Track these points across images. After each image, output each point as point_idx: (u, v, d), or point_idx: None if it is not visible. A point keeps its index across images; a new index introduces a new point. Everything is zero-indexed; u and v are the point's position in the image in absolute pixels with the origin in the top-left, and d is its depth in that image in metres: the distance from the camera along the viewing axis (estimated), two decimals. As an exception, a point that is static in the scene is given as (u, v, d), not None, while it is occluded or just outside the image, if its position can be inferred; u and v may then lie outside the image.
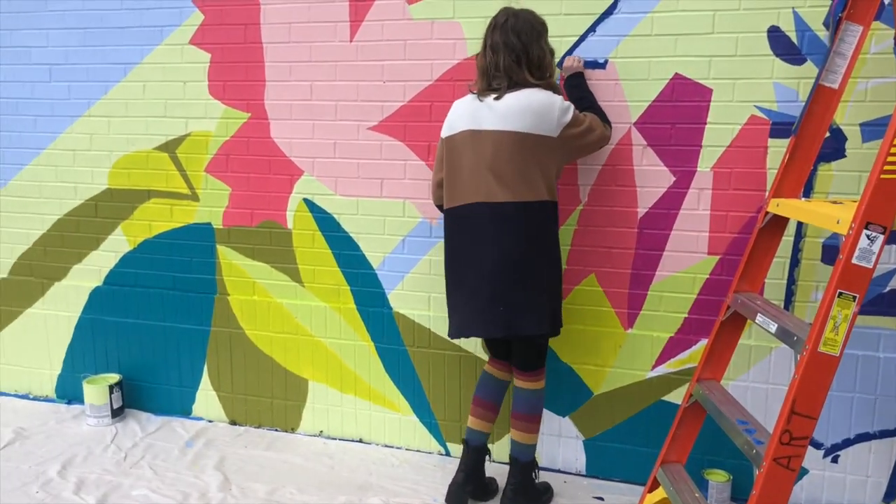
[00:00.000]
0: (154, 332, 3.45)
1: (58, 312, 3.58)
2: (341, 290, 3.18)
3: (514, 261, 2.41)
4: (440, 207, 2.66)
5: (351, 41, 3.00)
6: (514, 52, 2.42)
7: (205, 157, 3.26)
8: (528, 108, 2.39)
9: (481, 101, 2.47)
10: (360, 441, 3.23)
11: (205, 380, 3.41)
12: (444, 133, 2.57)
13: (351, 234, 3.13)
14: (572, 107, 2.47)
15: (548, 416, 2.97)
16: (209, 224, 3.31)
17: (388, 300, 3.11)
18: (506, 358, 2.69)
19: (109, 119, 3.35)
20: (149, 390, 3.50)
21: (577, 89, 2.66)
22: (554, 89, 2.49)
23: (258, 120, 3.17)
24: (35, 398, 3.66)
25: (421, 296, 3.07)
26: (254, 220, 3.25)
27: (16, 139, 3.50)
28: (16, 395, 3.68)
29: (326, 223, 3.15)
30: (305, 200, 3.17)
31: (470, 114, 2.48)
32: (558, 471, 2.99)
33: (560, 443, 2.99)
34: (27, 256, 3.59)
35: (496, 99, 2.43)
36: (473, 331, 2.52)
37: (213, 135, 3.23)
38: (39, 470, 2.92)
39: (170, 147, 3.30)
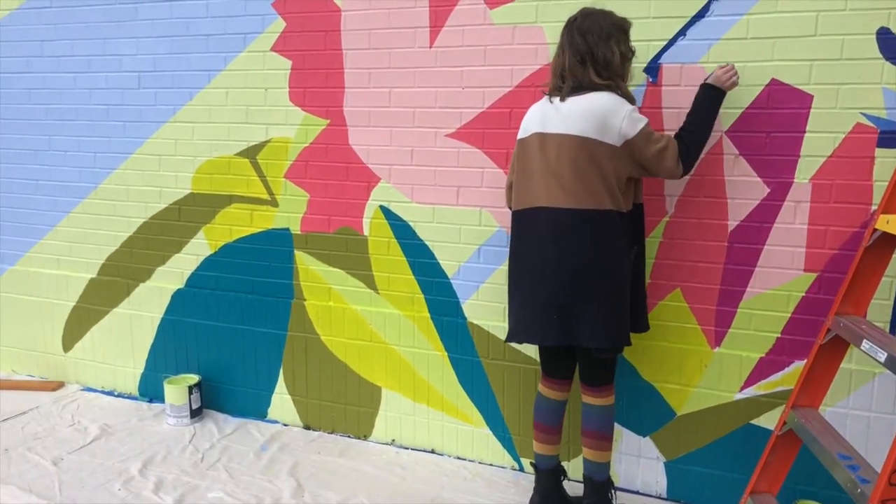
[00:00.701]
0: (232, 334, 3.50)
1: (142, 313, 3.68)
2: (415, 298, 3.14)
3: (573, 269, 2.33)
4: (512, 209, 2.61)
5: (430, 47, 2.96)
6: (579, 53, 2.34)
7: (284, 164, 3.29)
8: (589, 111, 2.30)
9: (550, 102, 2.41)
10: (433, 452, 3.18)
11: (280, 383, 3.44)
12: (519, 135, 2.52)
13: (426, 242, 3.09)
14: (645, 121, 2.32)
15: (627, 435, 2.85)
16: (287, 230, 3.33)
17: (463, 310, 3.06)
18: (561, 375, 2.60)
19: (193, 125, 3.42)
20: (226, 391, 3.56)
21: (699, 103, 2.43)
22: (627, 97, 2.38)
23: (337, 126, 3.17)
24: (119, 395, 3.78)
25: (496, 307, 3.00)
26: (331, 226, 3.25)
27: (105, 144, 3.62)
28: (102, 392, 3.81)
29: (402, 231, 3.13)
30: (382, 207, 3.15)
31: (540, 116, 2.43)
32: (637, 492, 2.87)
33: (640, 464, 2.86)
34: (114, 258, 3.71)
35: (561, 100, 2.37)
36: (528, 336, 2.46)
37: (292, 141, 3.26)
38: (122, 467, 3.00)
39: (251, 153, 3.34)
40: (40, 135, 3.76)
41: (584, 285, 2.33)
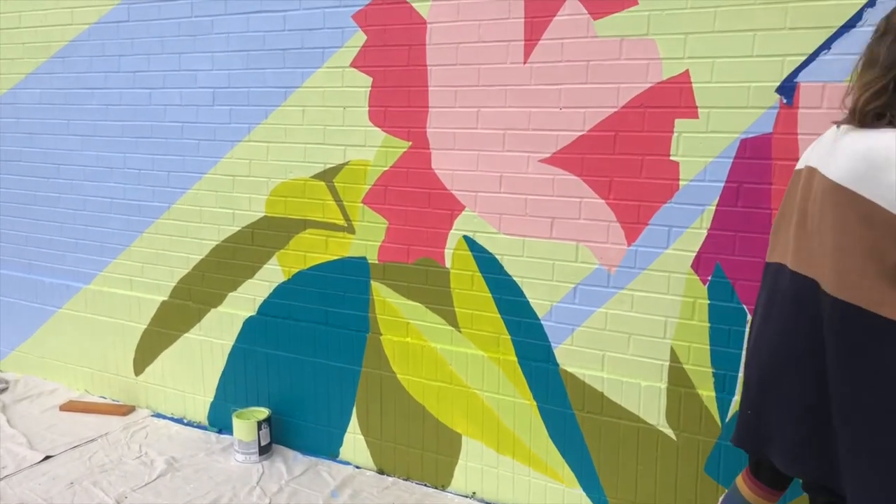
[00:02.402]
0: (304, 367, 3.29)
1: (212, 339, 3.52)
2: (501, 339, 2.85)
3: (803, 375, 1.63)
4: None
5: (525, 63, 2.66)
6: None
7: (362, 188, 3.05)
8: (857, 152, 1.53)
9: (839, 130, 1.65)
10: (517, 509, 2.88)
11: (353, 422, 3.21)
12: (797, 165, 1.81)
13: (514, 278, 2.79)
14: None
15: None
16: (364, 258, 3.10)
17: (555, 355, 2.75)
18: (774, 485, 1.88)
19: (268, 145, 3.23)
20: (297, 427, 3.35)
21: None
22: None
23: (419, 149, 2.91)
24: (189, 423, 3.63)
25: (594, 354, 2.67)
26: (410, 256, 3.00)
27: (179, 163, 3.48)
28: (172, 419, 3.67)
29: (488, 264, 2.84)
30: (466, 238, 2.87)
31: (823, 146, 1.69)
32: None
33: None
34: (186, 281, 3.57)
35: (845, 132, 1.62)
36: (737, 429, 1.87)
37: (371, 164, 3.02)
38: (186, 511, 2.82)
39: (327, 176, 3.12)
40: (115, 152, 3.66)
41: (820, 403, 1.62)
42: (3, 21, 3.88)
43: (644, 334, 2.58)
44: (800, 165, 1.77)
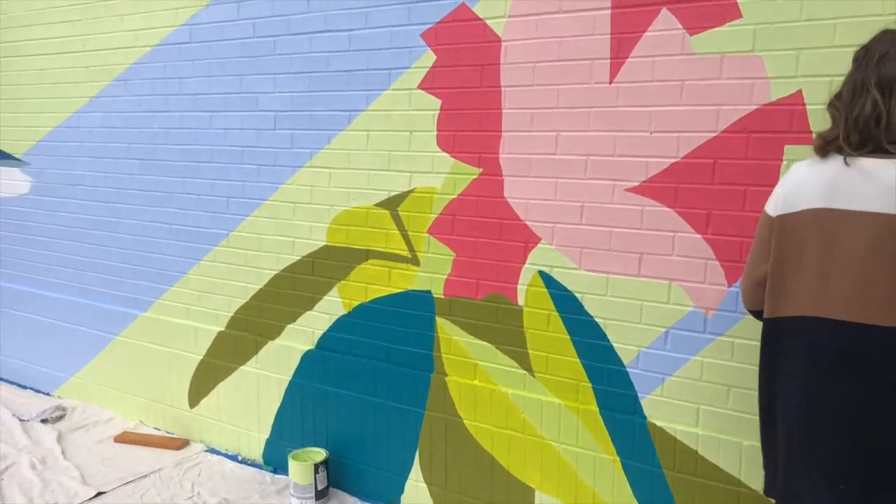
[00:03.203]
0: (364, 406, 3.09)
1: (269, 373, 3.36)
2: (580, 386, 2.58)
3: (887, 423, 1.56)
4: (755, 314, 1.86)
5: (610, 83, 2.42)
6: None
7: (428, 217, 2.84)
8: None
9: (848, 164, 1.62)
10: (596, 575, 2.60)
11: (416, 469, 2.98)
12: (776, 209, 1.73)
13: (597, 319, 2.53)
14: None
15: None
16: (429, 292, 2.88)
17: (642, 406, 2.47)
18: None
19: (331, 171, 3.06)
20: (355, 470, 3.14)
21: None
22: None
23: (490, 176, 2.69)
24: (243, 461, 3.46)
25: (687, 407, 2.38)
26: (479, 291, 2.77)
27: (239, 189, 3.34)
28: (226, 455, 3.51)
29: (566, 303, 2.58)
30: (541, 273, 2.63)
31: (825, 183, 1.65)
32: None
33: None
34: (244, 311, 3.42)
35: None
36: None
37: (438, 192, 2.81)
38: (238, 563, 2.63)
39: (391, 204, 2.93)
40: (175, 177, 3.55)
41: None
42: (68, 45, 3.84)
43: (746, 387, 2.27)
44: (792, 209, 1.69)
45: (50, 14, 3.89)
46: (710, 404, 2.34)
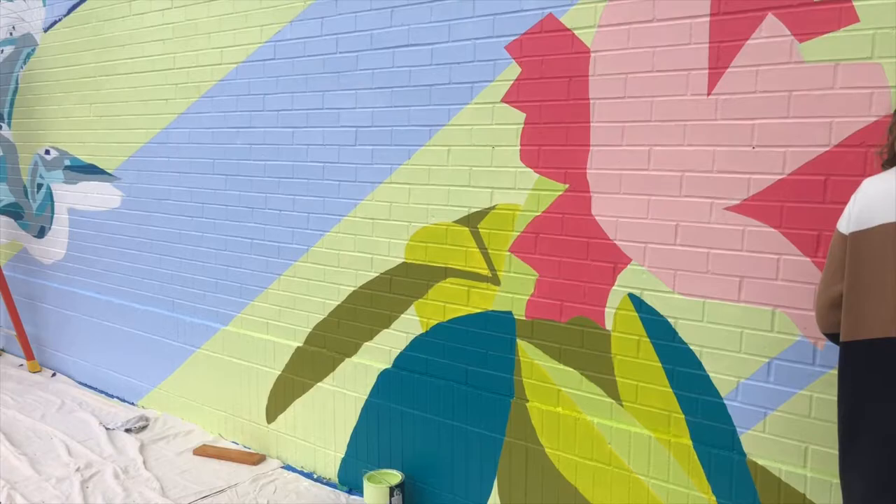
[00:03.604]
0: (441, 429, 3.00)
1: (346, 391, 3.31)
2: (672, 417, 2.41)
3: None
4: (831, 336, 1.77)
5: (709, 94, 2.26)
6: None
7: (510, 235, 2.74)
8: None
9: None
10: None
11: (494, 496, 2.86)
12: (849, 226, 1.67)
13: (692, 347, 2.36)
14: None
15: None
16: (510, 313, 2.77)
17: (741, 443, 2.28)
18: None
19: (410, 187, 3.00)
20: (431, 495, 3.05)
21: None
22: None
23: (577, 193, 2.57)
24: (318, 479, 3.42)
25: (793, 445, 2.18)
26: (563, 314, 2.64)
27: (319, 205, 3.32)
28: (302, 473, 3.48)
29: (658, 328, 2.43)
30: (631, 296, 2.48)
31: None
32: None
33: None
34: (322, 327, 3.39)
35: None
36: None
37: (521, 209, 2.70)
38: (311, 587, 2.57)
39: (471, 221, 2.84)
40: (257, 192, 3.57)
41: None
42: (159, 63, 3.94)
43: (861, 426, 2.06)
44: (866, 225, 1.61)
45: (142, 34, 4.00)
46: (821, 444, 2.14)
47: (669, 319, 2.40)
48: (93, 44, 4.32)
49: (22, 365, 5.03)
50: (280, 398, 3.59)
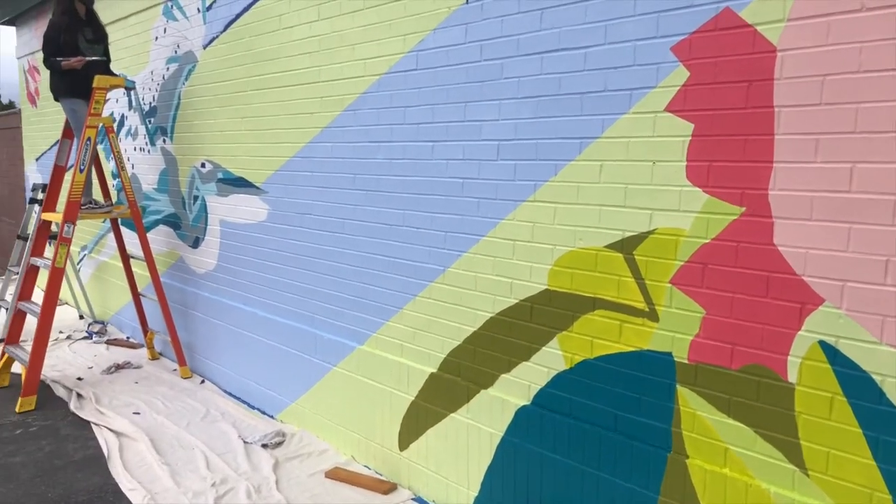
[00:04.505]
0: (585, 479, 2.67)
1: (481, 425, 3.06)
2: (875, 497, 1.95)
3: None
4: None
5: (938, 98, 1.80)
6: None
7: (672, 264, 2.38)
8: None
9: None
10: None
11: (643, 563, 2.49)
12: None
13: (905, 413, 1.89)
14: None
15: None
16: (669, 355, 2.40)
17: (975, 542, 1.78)
18: None
19: (556, 206, 2.71)
20: (571, 551, 2.73)
21: None
22: None
23: (756, 217, 2.17)
24: (450, 517, 3.20)
25: None
26: (734, 360, 2.24)
27: (457, 223, 3.11)
28: (432, 507, 3.28)
29: (859, 386, 1.97)
30: (823, 344, 2.04)
31: None
32: None
33: None
34: (457, 354, 3.17)
35: None
36: None
37: (685, 234, 2.33)
38: None
39: (626, 246, 2.50)
40: (396, 209, 3.42)
41: None
42: (304, 76, 3.92)
43: None
44: None
45: (290, 47, 4.00)
46: None
47: (875, 376, 1.94)
48: (245, 59, 4.39)
49: (175, 370, 5.23)
50: (413, 425, 3.41)
